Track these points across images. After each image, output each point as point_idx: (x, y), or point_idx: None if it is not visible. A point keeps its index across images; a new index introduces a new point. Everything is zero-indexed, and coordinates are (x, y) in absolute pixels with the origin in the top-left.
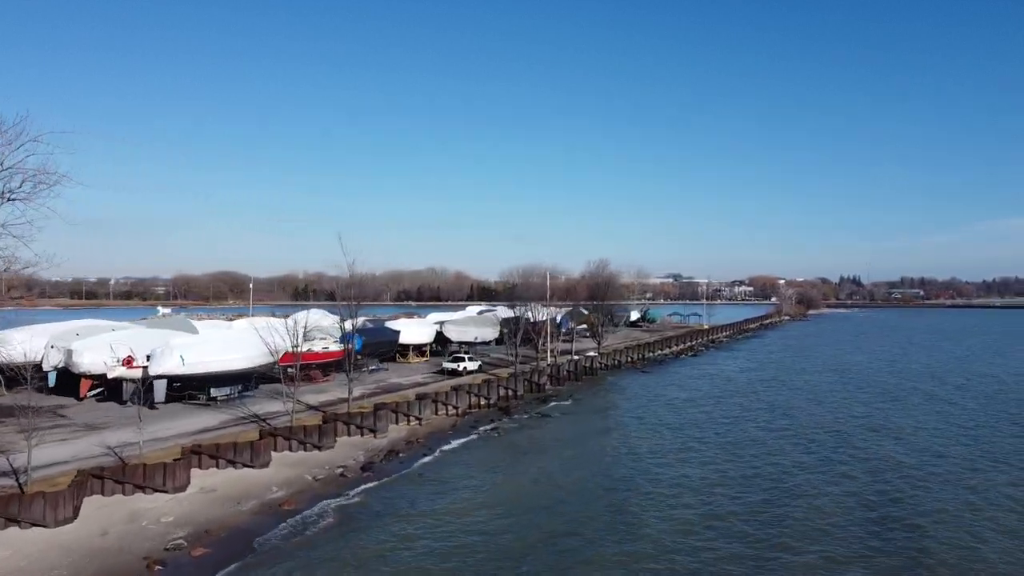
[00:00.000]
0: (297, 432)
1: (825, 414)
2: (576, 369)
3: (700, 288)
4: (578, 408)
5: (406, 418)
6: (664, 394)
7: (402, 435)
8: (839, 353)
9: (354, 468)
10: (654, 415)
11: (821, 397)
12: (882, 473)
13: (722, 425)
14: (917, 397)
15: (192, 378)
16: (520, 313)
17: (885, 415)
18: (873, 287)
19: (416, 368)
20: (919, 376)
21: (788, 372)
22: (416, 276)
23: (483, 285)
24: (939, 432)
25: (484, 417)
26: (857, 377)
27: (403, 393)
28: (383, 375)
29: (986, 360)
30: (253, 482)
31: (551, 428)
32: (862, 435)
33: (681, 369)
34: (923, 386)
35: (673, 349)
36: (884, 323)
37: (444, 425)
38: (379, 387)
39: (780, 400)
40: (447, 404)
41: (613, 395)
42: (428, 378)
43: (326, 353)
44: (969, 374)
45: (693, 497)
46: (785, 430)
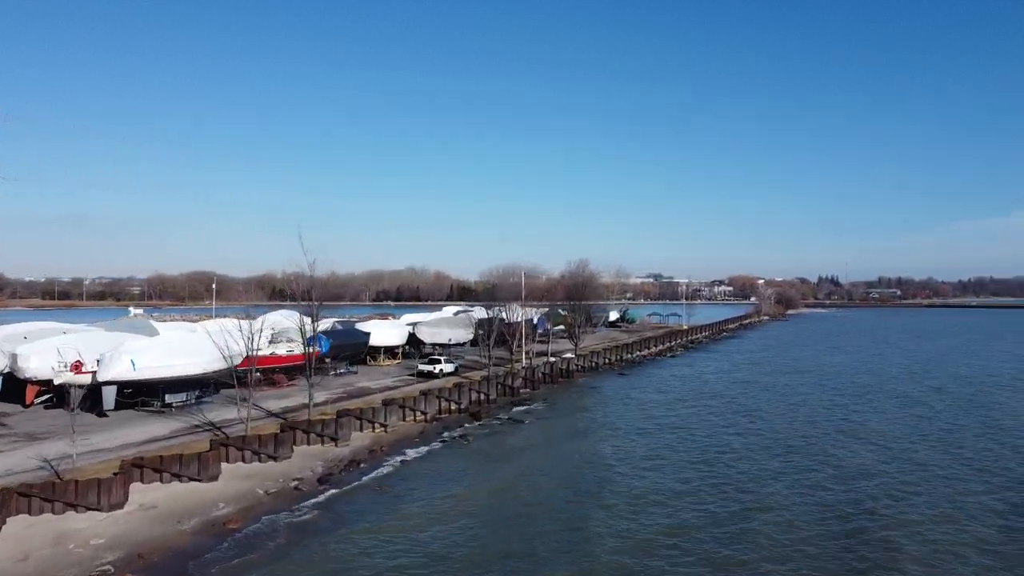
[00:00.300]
0: (251, 442)
1: (800, 419)
2: (552, 371)
3: (680, 288)
4: (551, 413)
5: (371, 425)
6: (640, 397)
7: (366, 443)
8: (817, 354)
9: (311, 480)
10: (628, 420)
11: (797, 401)
12: (855, 482)
13: (696, 431)
14: (894, 400)
15: (145, 384)
16: (494, 314)
17: (861, 420)
18: (851, 287)
19: (387, 371)
20: (897, 378)
21: (766, 374)
22: (396, 276)
23: (463, 285)
24: (915, 438)
25: (454, 423)
26: (835, 379)
27: (370, 398)
28: (351, 379)
29: (963, 361)
30: (199, 498)
31: (521, 434)
32: (837, 441)
33: (659, 371)
34: (900, 388)
35: (652, 350)
36: (863, 323)
37: (411, 432)
38: (346, 391)
39: (755, 404)
40: (415, 410)
41: (588, 399)
42: (398, 381)
43: (291, 356)
44: (946, 376)
45: (659, 509)
46: (759, 435)
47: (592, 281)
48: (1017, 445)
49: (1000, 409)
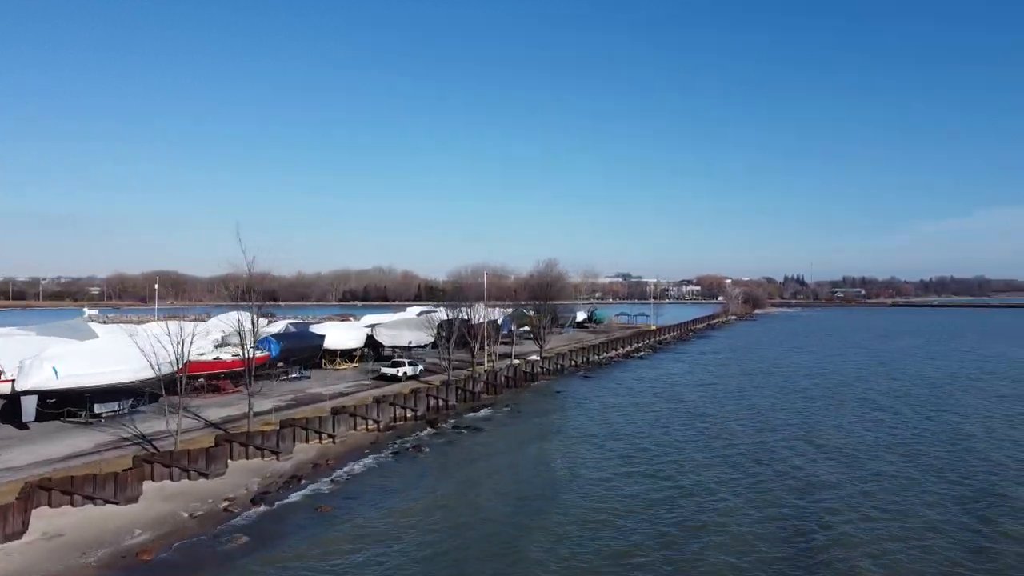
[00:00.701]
0: (179, 458)
1: (763, 425)
2: (515, 375)
3: (649, 288)
4: (512, 419)
5: (317, 436)
6: (603, 402)
7: (311, 456)
8: (783, 355)
9: (243, 500)
10: (588, 427)
11: (762, 405)
12: (814, 495)
13: (656, 439)
14: (858, 404)
15: (70, 393)
16: (454, 315)
17: (824, 426)
18: (817, 286)
19: (343, 375)
20: (862, 380)
21: (731, 377)
22: (363, 276)
23: (431, 285)
24: (879, 448)
25: (409, 432)
26: (800, 381)
27: (321, 406)
28: (303, 384)
29: (926, 361)
30: (113, 523)
31: (479, 444)
32: (798, 449)
33: (625, 373)
34: (866, 392)
35: (619, 351)
36: (829, 323)
37: (362, 443)
38: (295, 398)
39: (718, 410)
40: (367, 418)
41: (551, 404)
42: (353, 387)
43: (237, 361)
44: (909, 378)
45: (607, 531)
46: (719, 442)
47: (559, 280)
48: (980, 451)
49: (962, 413)
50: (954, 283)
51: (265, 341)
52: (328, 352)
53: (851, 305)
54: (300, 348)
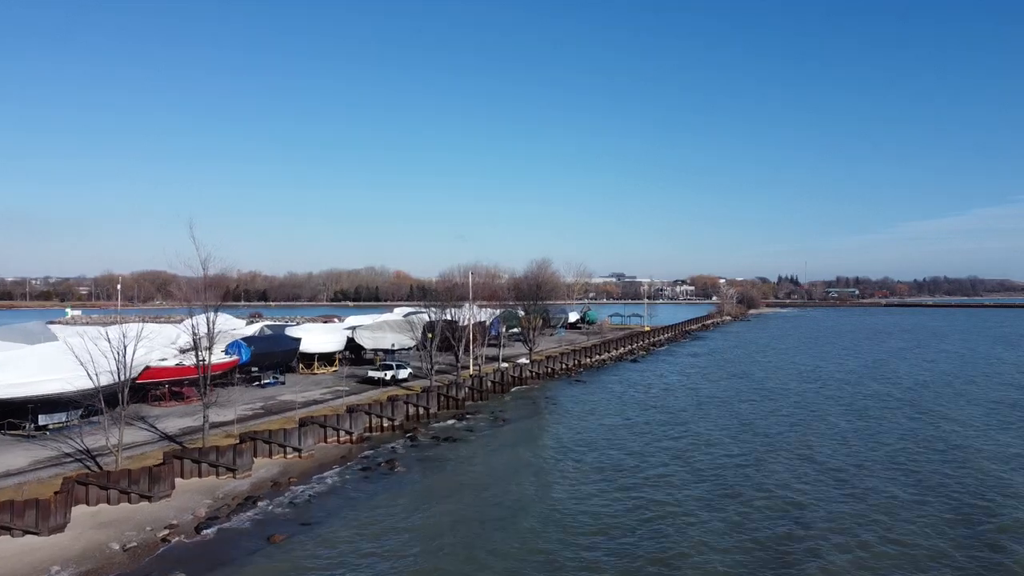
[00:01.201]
0: (118, 478)
1: (758, 439)
2: (502, 380)
3: (642, 288)
4: (497, 429)
5: (282, 450)
6: (594, 410)
7: (272, 473)
8: (781, 358)
9: (187, 526)
10: (577, 439)
11: (757, 416)
12: (804, 519)
13: (648, 454)
14: (857, 413)
15: (10, 403)
16: (436, 316)
17: (819, 439)
18: (811, 286)
19: (320, 380)
20: (863, 384)
21: (727, 383)
22: (355, 276)
23: (423, 285)
24: (884, 463)
25: (385, 443)
26: (801, 388)
27: (290, 415)
28: (276, 390)
29: (937, 368)
30: (30, 558)
31: (459, 458)
32: (791, 466)
33: (617, 377)
34: (868, 398)
35: (611, 354)
36: (825, 323)
37: (331, 457)
38: (264, 407)
39: (712, 421)
40: (339, 429)
41: (540, 411)
42: (328, 393)
43: (204, 367)
44: (921, 382)
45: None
46: (711, 455)
47: (550, 280)
48: (983, 469)
49: (969, 424)
50: (947, 283)
51: (235, 345)
52: (306, 356)
53: (846, 305)
54: (273, 352)
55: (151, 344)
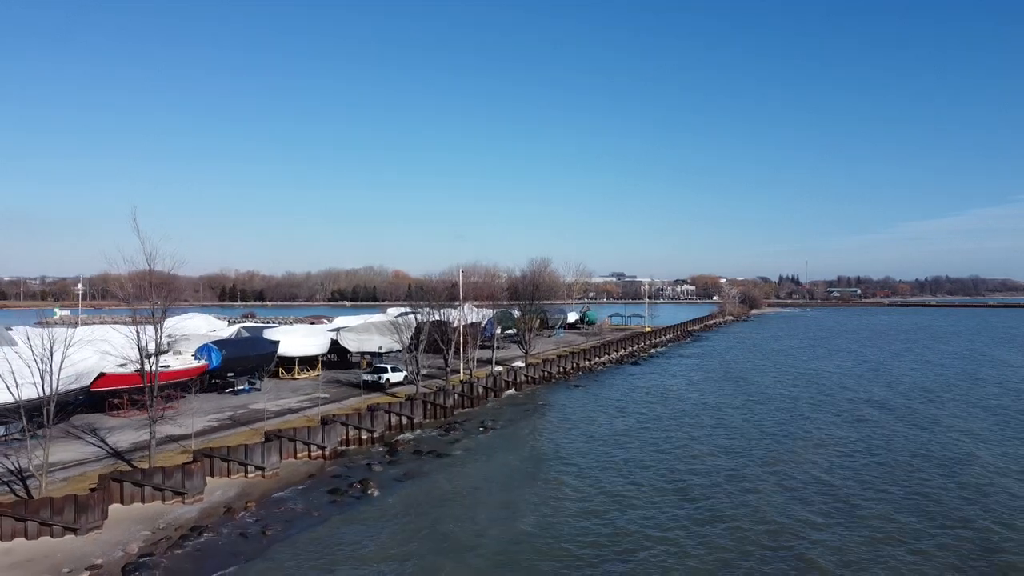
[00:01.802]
0: (38, 507)
1: (771, 456)
2: (495, 385)
3: (643, 288)
4: (488, 441)
5: (242, 468)
6: (594, 419)
7: (228, 496)
8: (791, 361)
9: (113, 567)
10: (575, 452)
11: (770, 427)
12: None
13: (652, 472)
14: (880, 428)
15: None
16: (422, 317)
17: (839, 460)
18: (812, 286)
19: (301, 386)
20: (883, 393)
21: (735, 387)
22: (353, 275)
23: (422, 285)
24: (893, 485)
25: (360, 459)
26: (814, 396)
27: (258, 426)
28: (249, 398)
29: (947, 369)
30: None
31: (442, 475)
32: (798, 490)
33: (618, 381)
34: (892, 411)
35: (612, 356)
36: (829, 323)
37: (297, 476)
38: (233, 417)
39: (717, 437)
40: (309, 443)
41: (535, 420)
42: (306, 401)
43: (167, 373)
44: (934, 388)
45: None
46: (716, 474)
47: (549, 279)
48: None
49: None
50: (949, 282)
51: (204, 349)
52: (286, 360)
53: (848, 305)
54: (248, 356)
55: (112, 348)
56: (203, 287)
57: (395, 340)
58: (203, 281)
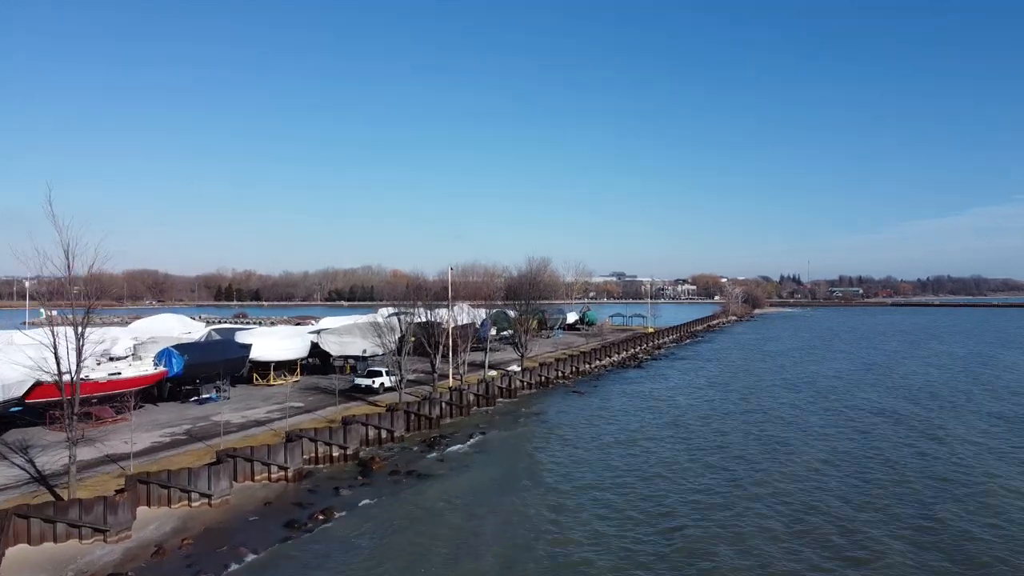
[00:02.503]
0: None
1: (790, 475)
2: (488, 392)
3: (643, 287)
4: (476, 457)
5: (185, 496)
6: (595, 430)
7: (162, 532)
8: (801, 364)
9: None
10: (574, 470)
11: (788, 441)
12: None
13: (660, 493)
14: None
15: None
16: (407, 318)
17: (863, 479)
18: (814, 286)
19: (273, 394)
20: (911, 395)
21: (748, 394)
22: (350, 275)
23: (420, 284)
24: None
25: (328, 480)
26: (841, 410)
27: (216, 442)
28: (214, 408)
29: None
30: None
31: (421, 502)
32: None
33: (620, 386)
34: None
35: (613, 359)
36: (835, 322)
37: (252, 502)
38: (190, 431)
39: (733, 447)
40: (270, 463)
41: (530, 432)
42: (277, 411)
43: (116, 381)
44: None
45: None
46: (733, 496)
47: (548, 278)
48: None
49: None
50: (951, 282)
51: (164, 354)
52: (261, 365)
53: (851, 305)
54: (214, 362)
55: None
56: (199, 287)
57: (380, 342)
58: (199, 280)
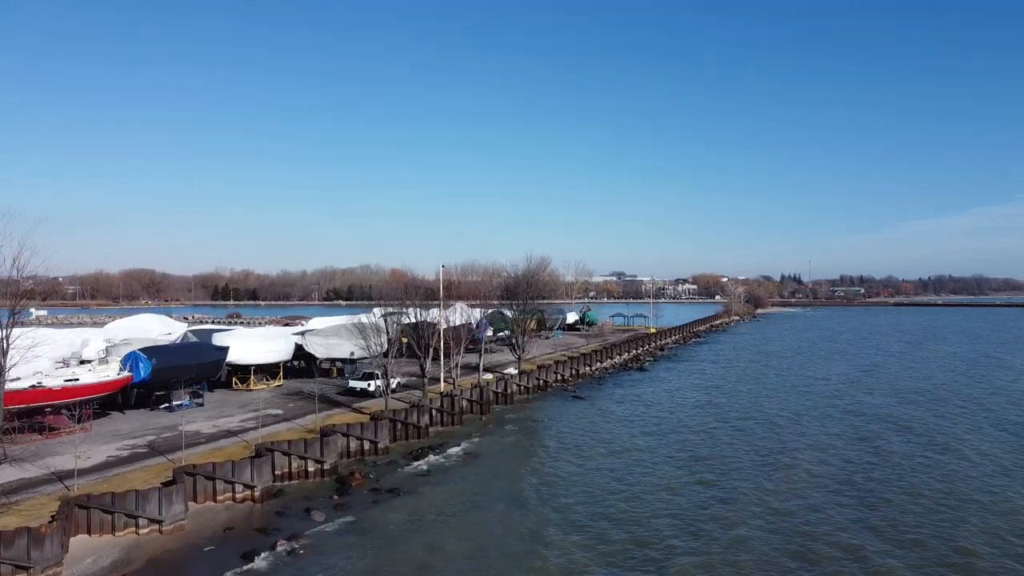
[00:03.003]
0: None
1: (805, 491)
2: (482, 397)
3: (644, 287)
4: (466, 473)
5: (132, 522)
6: (597, 440)
7: (100, 567)
8: (812, 366)
9: None
10: (573, 489)
11: (802, 452)
12: None
13: (666, 518)
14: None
15: None
16: (391, 319)
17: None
18: (815, 285)
19: (253, 400)
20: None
21: (758, 399)
22: (349, 274)
23: (418, 284)
24: None
25: (300, 500)
26: (861, 424)
27: (179, 456)
28: (184, 416)
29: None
30: None
31: (401, 530)
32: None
33: (623, 391)
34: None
35: (615, 360)
36: (840, 322)
37: (211, 527)
38: (152, 443)
39: (746, 462)
40: (233, 481)
41: (525, 442)
42: (251, 420)
43: (73, 388)
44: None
45: None
46: (740, 520)
47: (547, 277)
48: None
49: None
50: (952, 281)
51: (130, 358)
52: (241, 368)
53: (853, 304)
54: (187, 366)
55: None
56: (195, 286)
57: (367, 344)
58: (196, 280)
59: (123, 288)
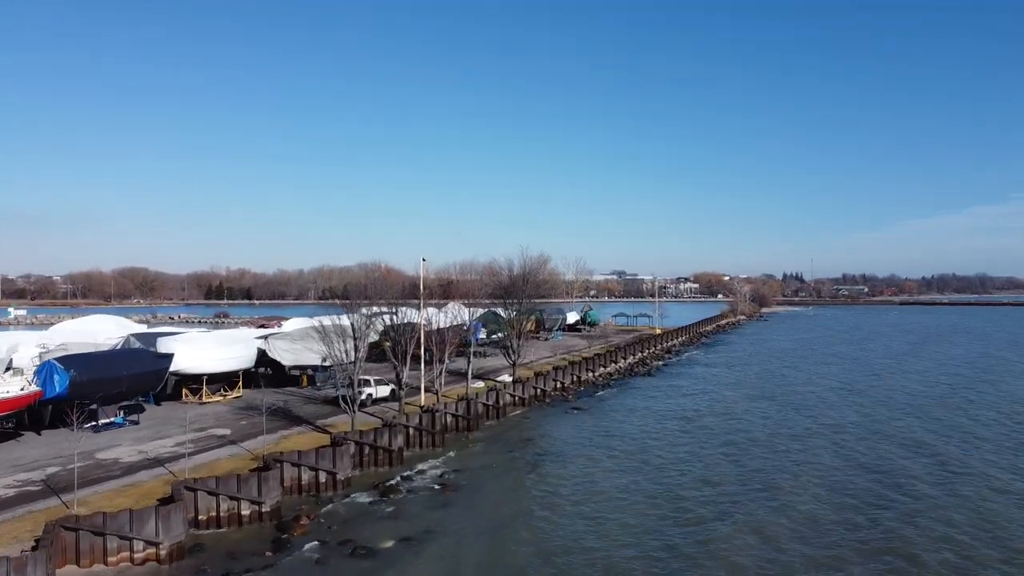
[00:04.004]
0: None
1: (839, 526)
2: (469, 412)
3: (645, 286)
4: (441, 515)
5: None
6: (599, 467)
7: None
8: (833, 370)
9: None
10: (569, 530)
11: (839, 475)
12: None
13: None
14: None
15: None
16: (361, 321)
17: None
18: (817, 284)
19: (202, 416)
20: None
21: (781, 408)
22: (346, 273)
23: (416, 283)
24: None
25: (226, 557)
26: (894, 420)
27: (74, 498)
28: (113, 437)
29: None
30: None
31: None
32: None
33: (629, 400)
34: None
35: (619, 365)
36: (851, 323)
37: None
38: (50, 478)
39: (775, 490)
40: (131, 537)
41: (516, 468)
42: (192, 443)
43: None
44: None
45: None
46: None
47: (547, 276)
48: None
49: None
50: (956, 280)
51: (44, 368)
52: (192, 378)
53: (858, 303)
54: (117, 377)
55: None
56: (189, 285)
57: (339, 350)
58: (190, 279)
59: (115, 287)
